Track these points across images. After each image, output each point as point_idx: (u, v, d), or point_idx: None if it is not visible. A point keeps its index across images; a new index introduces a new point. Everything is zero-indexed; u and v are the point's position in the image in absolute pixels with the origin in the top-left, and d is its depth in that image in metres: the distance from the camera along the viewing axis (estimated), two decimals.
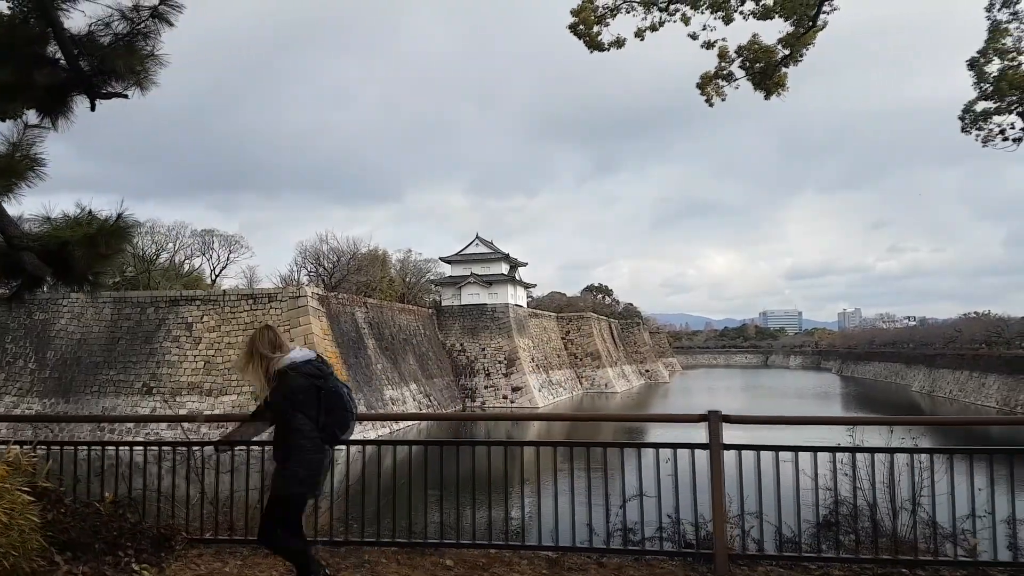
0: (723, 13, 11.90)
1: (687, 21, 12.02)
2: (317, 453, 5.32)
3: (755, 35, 12.24)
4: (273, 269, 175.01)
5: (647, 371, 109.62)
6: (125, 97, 6.18)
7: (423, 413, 57.09)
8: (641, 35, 12.12)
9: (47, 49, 5.94)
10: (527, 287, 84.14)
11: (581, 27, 12.00)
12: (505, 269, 75.01)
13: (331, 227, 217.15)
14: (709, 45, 12.35)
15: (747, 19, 11.86)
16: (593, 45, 12.17)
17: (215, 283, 67.44)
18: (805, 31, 11.79)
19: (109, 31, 5.91)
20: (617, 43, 12.17)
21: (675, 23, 12.11)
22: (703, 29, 12.12)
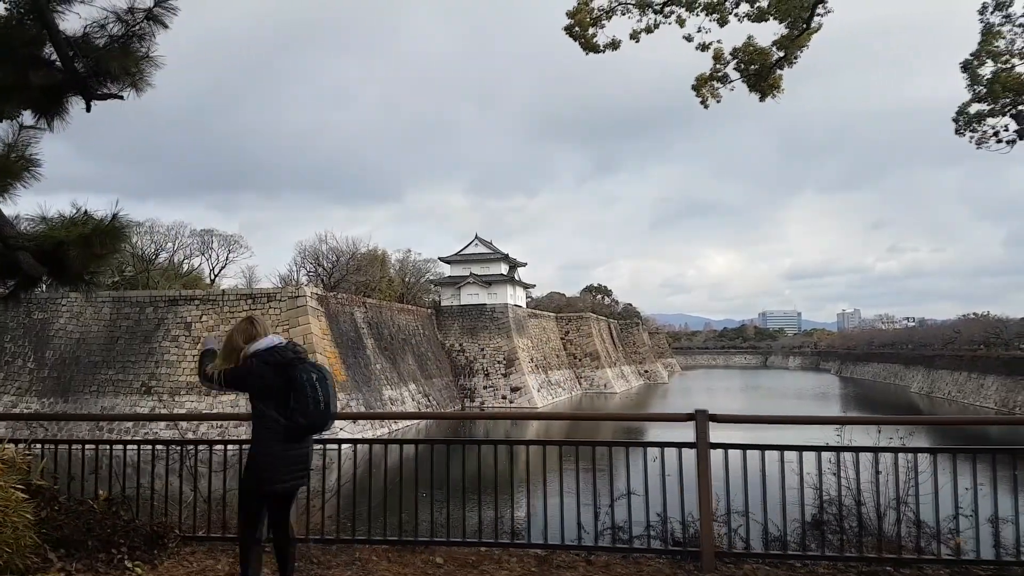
0: (718, 15, 11.92)
1: (682, 23, 12.04)
2: (275, 444, 5.11)
3: (750, 37, 12.26)
4: (272, 269, 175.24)
5: (646, 372, 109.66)
6: (120, 98, 6.23)
7: (419, 412, 57.15)
8: (636, 37, 12.15)
9: (43, 51, 5.99)
10: (526, 287, 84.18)
11: (576, 29, 12.03)
12: (504, 269, 75.05)
13: (331, 227, 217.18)
14: (704, 47, 12.36)
15: (742, 21, 11.88)
16: (588, 47, 12.20)
17: (214, 283, 67.49)
18: (799, 33, 11.83)
19: (104, 33, 5.96)
20: (612, 45, 12.20)
21: (670, 25, 12.14)
22: (698, 31, 12.11)
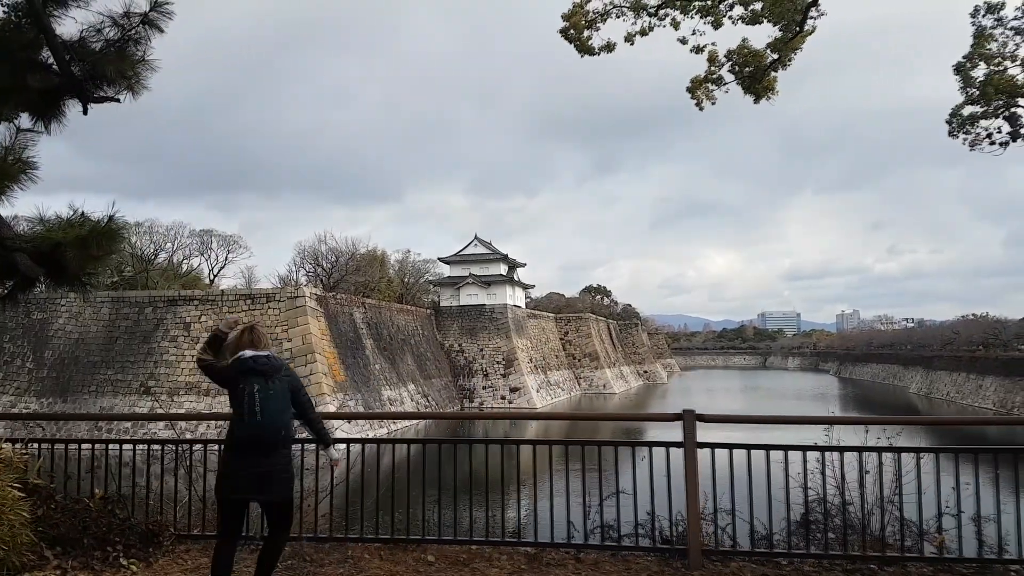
0: (712, 18, 12.00)
1: (677, 26, 12.10)
2: (231, 452, 5.31)
3: (744, 39, 12.33)
4: (272, 269, 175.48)
5: (645, 372, 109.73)
6: (117, 101, 6.31)
7: (418, 412, 57.17)
8: (631, 40, 12.21)
9: (40, 54, 6.07)
10: (525, 288, 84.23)
11: (572, 32, 12.10)
12: (503, 270, 75.09)
13: (331, 227, 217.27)
14: (699, 50, 12.42)
15: (736, 24, 11.94)
16: (584, 49, 12.26)
17: (213, 283, 67.55)
18: (793, 36, 11.90)
19: (101, 37, 6.05)
20: (607, 48, 12.27)
21: (665, 28, 12.21)
22: (693, 34, 12.19)
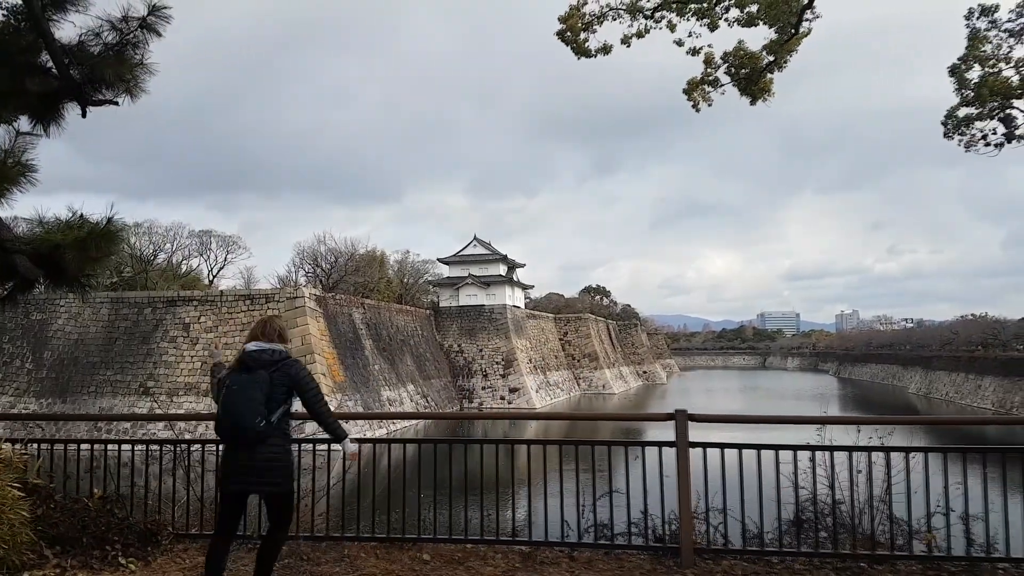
0: (708, 20, 12.06)
1: (673, 28, 12.16)
2: (223, 445, 5.40)
3: (740, 41, 12.39)
4: (271, 270, 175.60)
5: (645, 372, 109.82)
6: (115, 104, 6.37)
7: (417, 413, 57.24)
8: (628, 42, 12.26)
9: (39, 58, 6.13)
10: (525, 288, 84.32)
11: (568, 34, 12.15)
12: (503, 270, 75.15)
13: (331, 227, 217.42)
14: (695, 52, 12.47)
15: (732, 26, 12.00)
16: (580, 51, 12.32)
17: (212, 284, 67.62)
18: (788, 38, 11.96)
19: (99, 41, 6.11)
20: (604, 50, 12.32)
21: (661, 30, 12.28)
22: (689, 36, 12.23)
